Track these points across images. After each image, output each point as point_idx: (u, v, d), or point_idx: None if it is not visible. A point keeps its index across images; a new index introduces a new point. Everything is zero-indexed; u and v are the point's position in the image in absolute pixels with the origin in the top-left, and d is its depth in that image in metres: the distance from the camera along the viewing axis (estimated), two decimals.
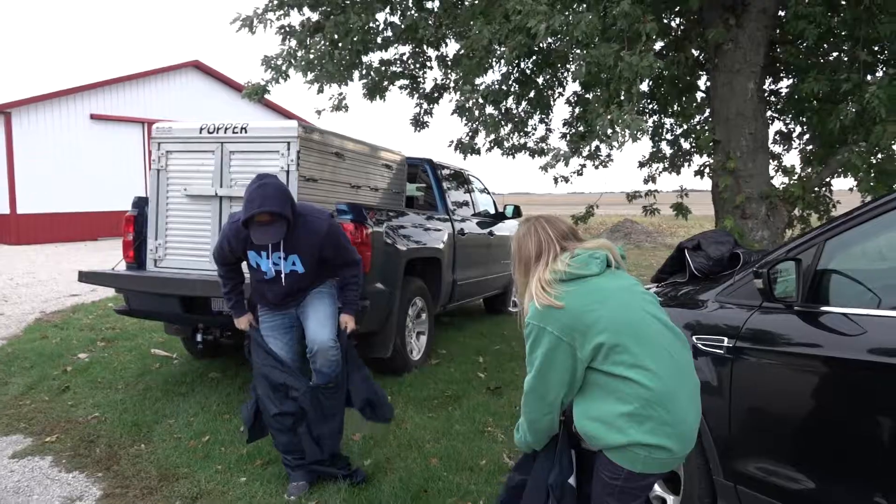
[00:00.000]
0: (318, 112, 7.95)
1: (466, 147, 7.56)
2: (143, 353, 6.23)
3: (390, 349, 5.32)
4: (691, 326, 2.90)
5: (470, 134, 7.67)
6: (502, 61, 6.12)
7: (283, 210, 3.18)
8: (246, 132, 4.83)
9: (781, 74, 7.56)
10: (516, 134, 8.26)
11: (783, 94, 7.62)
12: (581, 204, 8.17)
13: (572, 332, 1.96)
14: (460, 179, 7.71)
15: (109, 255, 12.13)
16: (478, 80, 6.57)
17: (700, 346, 2.79)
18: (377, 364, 5.39)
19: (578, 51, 5.23)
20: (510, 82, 7.20)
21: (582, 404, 2.04)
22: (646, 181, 8.32)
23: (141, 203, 5.24)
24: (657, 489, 3.00)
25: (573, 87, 11.30)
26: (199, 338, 5.00)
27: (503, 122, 7.78)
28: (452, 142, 7.76)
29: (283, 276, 3.41)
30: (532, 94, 7.66)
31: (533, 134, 8.54)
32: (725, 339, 2.68)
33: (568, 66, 7.46)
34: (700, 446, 2.79)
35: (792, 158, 17.66)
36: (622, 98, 4.94)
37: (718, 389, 2.70)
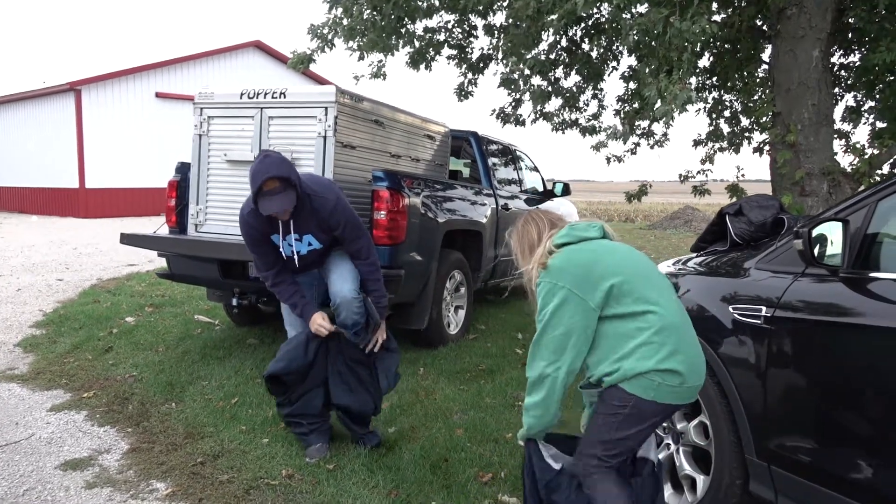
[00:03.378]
0: (357, 78, 7.86)
1: (509, 116, 7.35)
2: (187, 319, 6.34)
3: (426, 321, 5.23)
4: (727, 297, 2.71)
5: (513, 104, 7.45)
6: (550, 30, 5.88)
7: (289, 174, 3.15)
8: (285, 97, 4.80)
9: (854, 47, 7.09)
10: (567, 109, 8.01)
11: (854, 66, 7.14)
12: None
13: (583, 283, 2.10)
14: (507, 155, 7.51)
15: None
16: (525, 52, 6.35)
17: (737, 316, 2.60)
18: (412, 336, 5.33)
19: (626, 16, 4.96)
20: (557, 50, 6.94)
21: (597, 353, 2.15)
22: (702, 161, 7.94)
23: (184, 168, 5.29)
24: (686, 467, 2.83)
25: (629, 61, 10.88)
26: (234, 302, 5.03)
27: (552, 95, 7.53)
28: (494, 110, 7.57)
29: (296, 257, 3.43)
30: (581, 65, 7.38)
31: (585, 110, 8.26)
32: (763, 309, 2.47)
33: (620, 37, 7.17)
34: (732, 423, 2.61)
35: (861, 136, 16.60)
36: (673, 67, 4.67)
37: (754, 362, 2.50)
